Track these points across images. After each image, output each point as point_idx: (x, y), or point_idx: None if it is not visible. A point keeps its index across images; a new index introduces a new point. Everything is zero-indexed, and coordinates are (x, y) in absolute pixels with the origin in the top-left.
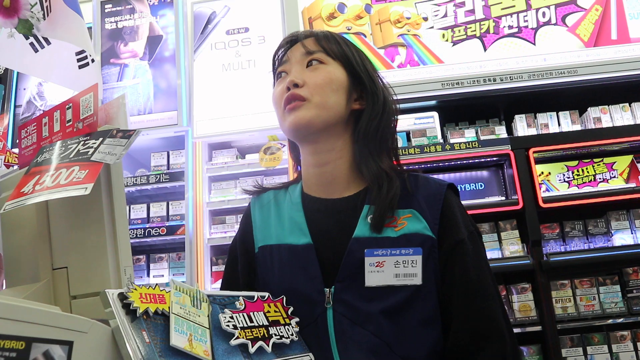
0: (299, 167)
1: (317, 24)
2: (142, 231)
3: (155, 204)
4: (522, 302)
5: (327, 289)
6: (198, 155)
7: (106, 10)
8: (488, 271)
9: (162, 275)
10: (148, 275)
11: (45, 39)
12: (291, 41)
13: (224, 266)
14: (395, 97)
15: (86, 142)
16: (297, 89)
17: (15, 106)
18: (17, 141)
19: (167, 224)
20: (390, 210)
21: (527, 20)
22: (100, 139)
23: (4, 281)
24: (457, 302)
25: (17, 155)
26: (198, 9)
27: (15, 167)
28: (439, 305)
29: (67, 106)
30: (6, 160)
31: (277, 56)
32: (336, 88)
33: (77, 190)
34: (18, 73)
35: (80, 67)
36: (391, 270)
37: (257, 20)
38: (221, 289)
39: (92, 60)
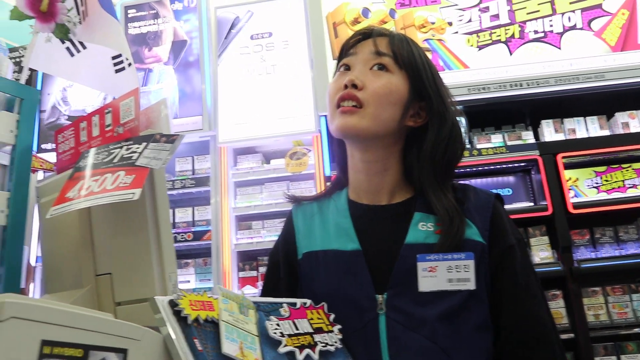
0: (331, 171)
1: (341, 29)
2: None
3: (181, 209)
4: (553, 310)
5: (379, 296)
6: (223, 161)
7: (129, 15)
8: (535, 277)
9: (188, 281)
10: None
11: (81, 43)
12: (365, 34)
13: (265, 273)
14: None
15: (129, 146)
16: (354, 90)
17: (39, 111)
18: (42, 146)
19: (193, 230)
20: (455, 249)
21: (552, 25)
22: (144, 143)
23: (35, 287)
24: (506, 308)
25: (42, 161)
26: (221, 14)
27: (41, 172)
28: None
29: (106, 110)
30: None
31: (345, 46)
32: (394, 101)
33: (125, 195)
34: (42, 78)
35: (117, 71)
36: (444, 275)
37: (281, 25)
38: (261, 295)
39: (129, 64)
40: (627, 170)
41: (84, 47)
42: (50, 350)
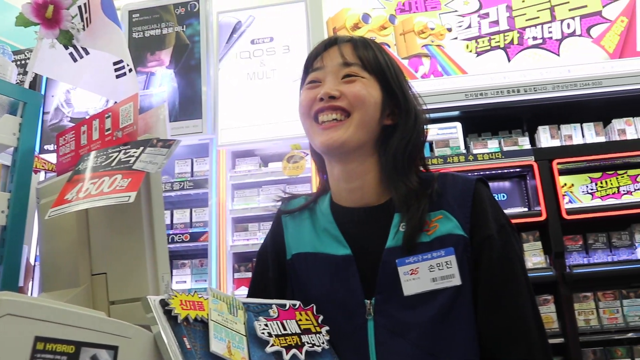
0: (324, 176)
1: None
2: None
3: (179, 210)
4: (544, 314)
5: (368, 301)
6: (222, 163)
7: (134, 20)
8: (519, 267)
9: (185, 282)
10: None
11: (84, 49)
12: (328, 44)
13: (252, 272)
14: (424, 107)
15: (127, 150)
16: (335, 100)
17: (43, 113)
18: (45, 147)
19: (190, 231)
20: (419, 230)
21: (551, 32)
22: (141, 148)
23: (34, 285)
24: (482, 301)
25: (45, 162)
26: (223, 19)
27: (43, 173)
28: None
29: (106, 115)
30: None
31: (310, 59)
32: (374, 101)
33: (121, 198)
34: (47, 80)
35: (118, 76)
36: (427, 275)
37: (282, 30)
38: (249, 294)
39: (130, 70)
40: (622, 177)
41: (87, 53)
42: (43, 346)
